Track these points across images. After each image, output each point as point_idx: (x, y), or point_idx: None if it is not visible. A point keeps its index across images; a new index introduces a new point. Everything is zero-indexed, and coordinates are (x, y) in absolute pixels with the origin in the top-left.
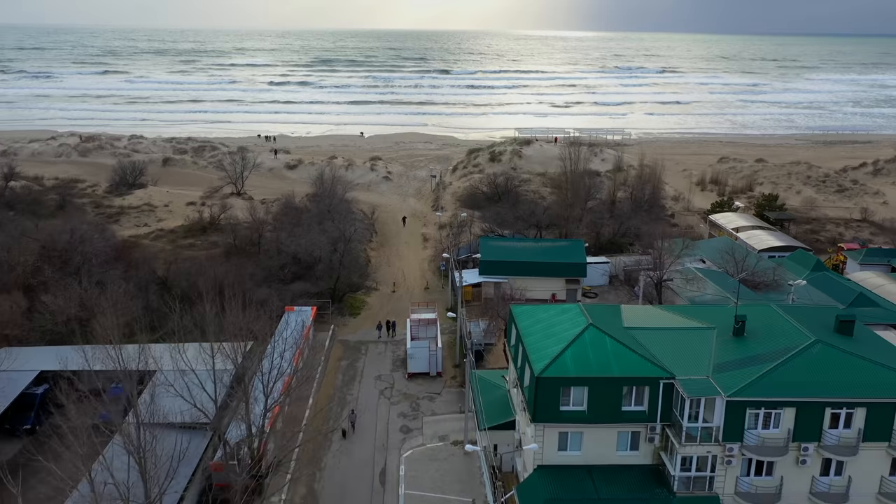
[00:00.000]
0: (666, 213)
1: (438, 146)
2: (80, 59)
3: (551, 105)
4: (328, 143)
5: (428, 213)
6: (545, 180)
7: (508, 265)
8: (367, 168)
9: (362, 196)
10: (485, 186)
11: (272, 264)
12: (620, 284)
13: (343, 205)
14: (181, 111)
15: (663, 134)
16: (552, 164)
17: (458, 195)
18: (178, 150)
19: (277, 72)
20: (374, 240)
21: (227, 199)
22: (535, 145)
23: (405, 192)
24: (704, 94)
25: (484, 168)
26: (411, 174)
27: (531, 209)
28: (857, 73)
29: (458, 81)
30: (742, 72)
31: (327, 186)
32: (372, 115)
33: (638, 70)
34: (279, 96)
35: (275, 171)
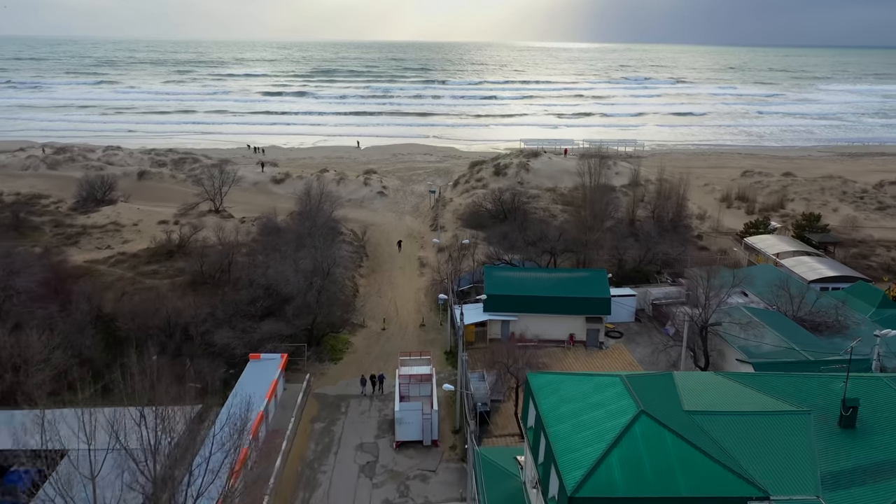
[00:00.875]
0: (692, 234)
1: (439, 158)
2: (73, 70)
3: (557, 116)
4: (322, 154)
5: (426, 232)
6: (556, 196)
7: (518, 300)
8: (361, 182)
9: (354, 213)
10: (489, 203)
11: (241, 298)
12: (648, 321)
13: (330, 225)
14: (169, 122)
15: (678, 146)
16: (563, 179)
17: (460, 213)
18: (156, 163)
19: (274, 82)
20: (364, 264)
21: (202, 218)
22: (544, 158)
23: (401, 210)
24: (718, 105)
25: (488, 183)
26: (409, 189)
27: (542, 230)
28: (870, 83)
29: (461, 91)
30: (754, 82)
31: (314, 203)
32: (370, 126)
33: (646, 80)
34: (274, 107)
35: (260, 186)
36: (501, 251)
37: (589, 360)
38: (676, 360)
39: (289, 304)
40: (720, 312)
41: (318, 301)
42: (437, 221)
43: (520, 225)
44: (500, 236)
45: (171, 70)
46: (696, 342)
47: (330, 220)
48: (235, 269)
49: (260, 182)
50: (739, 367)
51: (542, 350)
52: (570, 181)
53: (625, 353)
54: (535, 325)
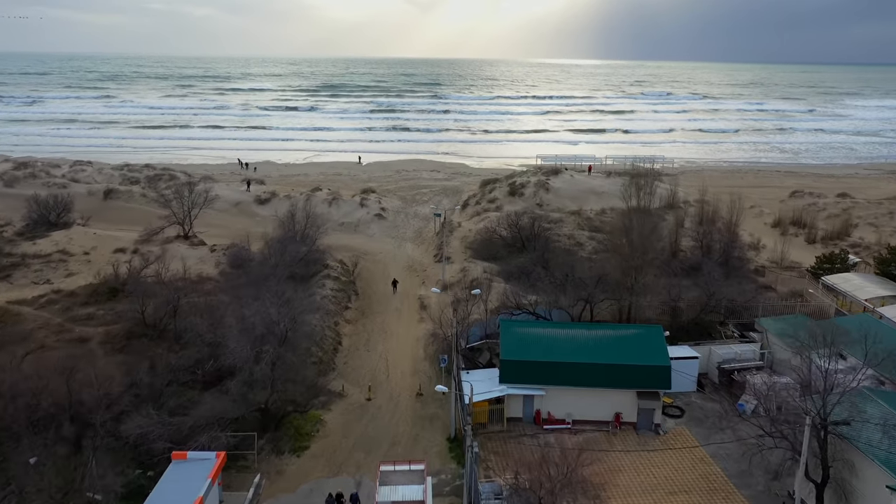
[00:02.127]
0: (749, 269)
1: (447, 175)
2: (75, 84)
3: (574, 131)
4: (318, 170)
5: (429, 264)
6: (582, 221)
7: (545, 368)
8: (356, 203)
9: (346, 240)
10: (504, 229)
11: (183, 362)
12: (714, 391)
13: (312, 256)
14: (158, 137)
15: (709, 163)
16: (588, 200)
17: (469, 240)
18: (128, 180)
19: (277, 96)
20: (352, 305)
21: (167, 245)
22: (565, 175)
23: (402, 235)
24: (747, 121)
25: (502, 204)
26: (411, 211)
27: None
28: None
29: (471, 107)
30: (780, 98)
31: (298, 229)
32: (374, 141)
33: (668, 95)
34: (273, 122)
35: (241, 207)
36: (520, 291)
37: (643, 454)
38: (779, 469)
39: (234, 376)
40: (844, 405)
41: (271, 376)
42: (441, 251)
43: (540, 256)
44: (517, 271)
45: (172, 84)
46: (795, 439)
47: (312, 250)
48: (186, 316)
49: (242, 202)
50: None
51: (578, 435)
52: (597, 203)
53: (689, 441)
54: (568, 401)
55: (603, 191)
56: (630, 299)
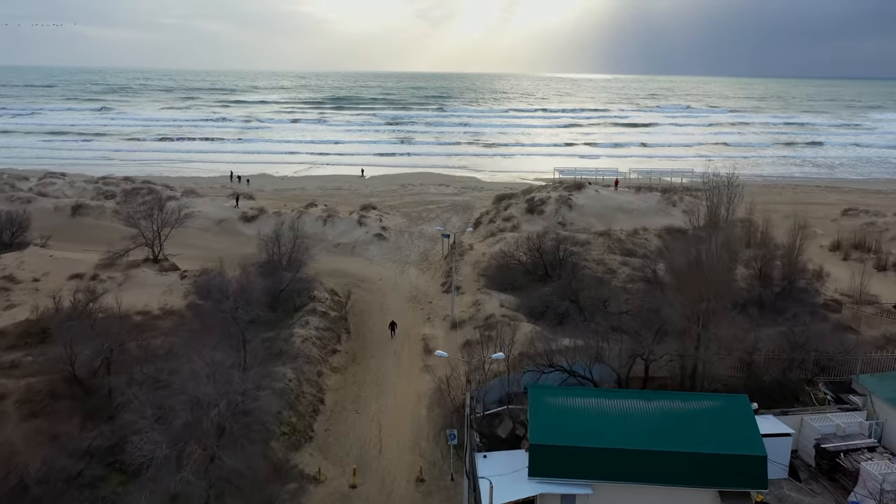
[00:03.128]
0: (816, 303)
1: (456, 190)
2: (78, 96)
3: (591, 144)
4: (317, 184)
5: (436, 294)
6: (612, 244)
7: (591, 457)
8: (354, 221)
9: (341, 263)
10: (523, 254)
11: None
12: (811, 477)
13: (295, 286)
14: (151, 149)
15: (740, 177)
16: (616, 218)
17: (483, 266)
18: (102, 194)
19: (281, 108)
20: (341, 347)
21: (131, 271)
22: (589, 191)
23: (405, 259)
24: (775, 135)
25: (519, 223)
26: (416, 230)
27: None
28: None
29: (482, 119)
30: (805, 111)
31: (285, 251)
32: (379, 155)
33: (687, 109)
34: (275, 134)
35: (225, 225)
36: (548, 333)
37: None
38: None
39: None
40: None
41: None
42: (450, 280)
43: (567, 285)
44: (541, 306)
45: (175, 97)
46: None
47: (296, 279)
48: (130, 366)
49: (226, 220)
50: None
51: None
52: (627, 221)
53: None
54: (625, 503)
55: (632, 208)
56: (698, 355)
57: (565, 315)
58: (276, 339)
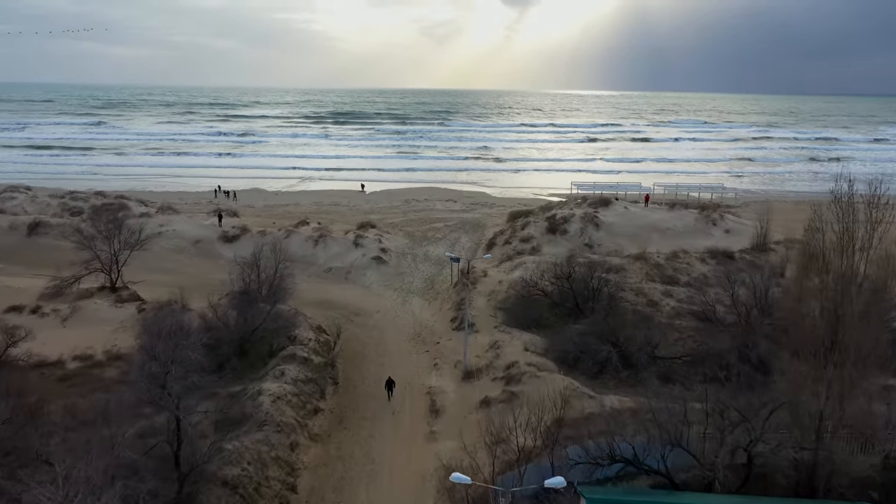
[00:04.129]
0: None
1: (465, 206)
2: (73, 111)
3: (607, 160)
4: (312, 199)
5: (444, 332)
6: (650, 269)
7: None
8: (349, 242)
9: (332, 292)
10: (548, 282)
11: None
12: None
13: (271, 325)
14: (137, 164)
15: (771, 193)
16: (651, 239)
17: (500, 297)
18: (67, 210)
19: (281, 122)
20: (325, 404)
21: (82, 301)
22: (617, 207)
23: (407, 286)
24: (796, 150)
25: (539, 244)
26: (420, 252)
27: (644, 337)
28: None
29: (490, 134)
30: (825, 126)
31: (265, 278)
32: (380, 170)
33: (705, 124)
34: (272, 148)
35: (202, 246)
36: (587, 390)
37: None
38: None
39: None
40: None
41: None
42: (462, 315)
43: (603, 322)
44: (574, 347)
45: (174, 112)
46: None
47: (272, 316)
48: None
49: (204, 240)
50: None
51: None
52: (663, 242)
53: None
54: None
55: (667, 227)
56: (821, 444)
57: (606, 363)
58: (242, 395)
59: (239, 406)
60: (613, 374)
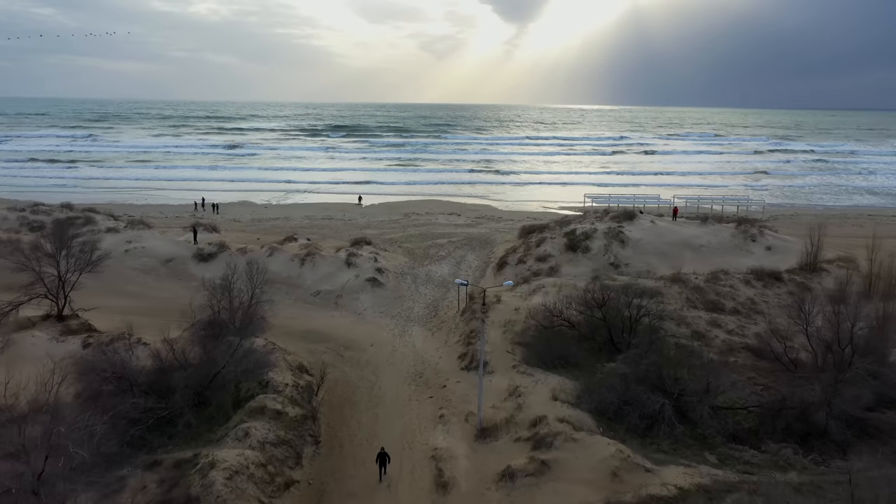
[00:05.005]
0: None
1: (470, 220)
2: (63, 124)
3: (618, 173)
4: (304, 213)
5: (452, 373)
6: (690, 294)
7: None
8: (341, 261)
9: (319, 320)
10: (575, 311)
11: None
12: None
13: (240, 369)
14: (125, 176)
15: (797, 207)
16: (682, 257)
17: (518, 329)
18: (26, 225)
19: (277, 135)
20: (300, 474)
21: (17, 335)
22: (643, 221)
23: (406, 313)
24: (814, 162)
25: (558, 263)
26: (421, 272)
27: (707, 387)
28: None
29: (495, 146)
30: (837, 139)
31: (238, 306)
32: (379, 183)
33: (714, 137)
34: (265, 160)
35: (174, 266)
36: (640, 460)
37: None
38: None
39: None
40: None
41: None
42: (471, 349)
43: (646, 360)
44: (615, 395)
45: (168, 124)
46: None
47: (239, 353)
48: None
49: (175, 259)
50: None
51: None
52: (698, 261)
53: None
54: None
55: (701, 243)
56: None
57: (657, 416)
58: (191, 464)
59: (182, 486)
60: (667, 431)
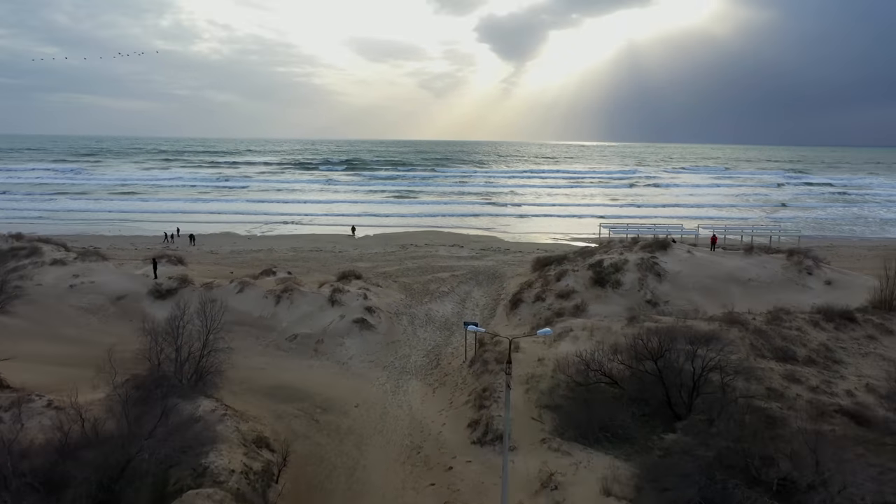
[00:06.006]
0: None
1: (474, 252)
2: (51, 158)
3: (628, 206)
4: (290, 245)
5: (459, 446)
6: (754, 340)
7: None
8: (324, 299)
9: (294, 372)
10: (619, 362)
11: None
12: None
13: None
14: (103, 209)
15: (830, 238)
16: (729, 293)
17: (543, 386)
18: None
19: (273, 168)
20: None
21: None
22: (678, 251)
23: (402, 364)
24: (833, 195)
25: (585, 301)
26: (420, 311)
27: (820, 474)
28: None
29: (497, 179)
30: (847, 173)
31: (188, 358)
32: (375, 215)
33: (726, 171)
34: (254, 195)
35: (126, 304)
36: None
37: None
38: None
39: None
40: None
41: None
42: (485, 416)
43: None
44: (689, 485)
45: (160, 158)
46: None
47: (169, 427)
48: None
49: (129, 296)
50: None
51: None
52: (750, 299)
53: None
54: None
55: (749, 277)
56: None
57: None
58: None
59: None
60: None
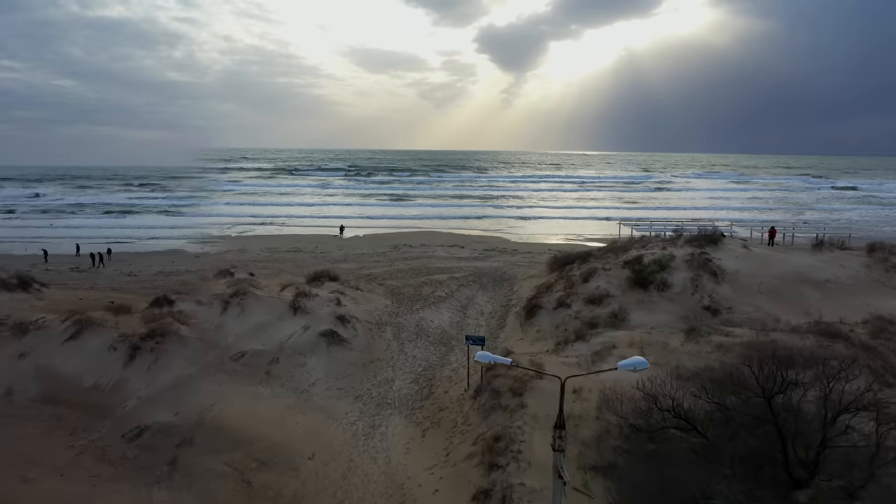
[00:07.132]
0: None
1: (477, 253)
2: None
3: (643, 208)
4: (266, 245)
5: None
6: (863, 355)
7: None
8: (284, 305)
9: (237, 407)
10: (698, 395)
11: None
12: None
13: None
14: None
15: (867, 231)
16: (804, 295)
17: (585, 435)
18: None
19: (265, 173)
20: None
21: None
22: (732, 246)
23: (381, 394)
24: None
25: (624, 308)
26: (409, 321)
27: None
28: None
29: (500, 183)
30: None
31: None
32: (370, 217)
33: (741, 176)
34: (235, 198)
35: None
36: None
37: None
38: None
39: None
40: None
41: None
42: (498, 480)
43: None
44: None
45: (141, 181)
46: None
47: None
48: None
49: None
50: None
51: None
52: (830, 304)
53: None
54: None
55: (825, 278)
56: None
57: None
58: None
59: None
60: None
